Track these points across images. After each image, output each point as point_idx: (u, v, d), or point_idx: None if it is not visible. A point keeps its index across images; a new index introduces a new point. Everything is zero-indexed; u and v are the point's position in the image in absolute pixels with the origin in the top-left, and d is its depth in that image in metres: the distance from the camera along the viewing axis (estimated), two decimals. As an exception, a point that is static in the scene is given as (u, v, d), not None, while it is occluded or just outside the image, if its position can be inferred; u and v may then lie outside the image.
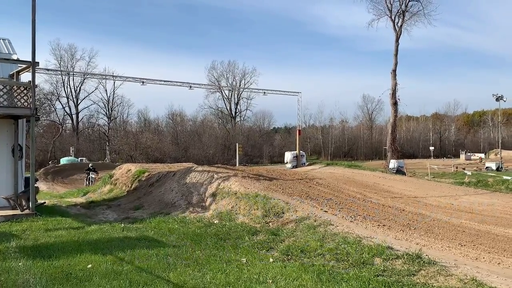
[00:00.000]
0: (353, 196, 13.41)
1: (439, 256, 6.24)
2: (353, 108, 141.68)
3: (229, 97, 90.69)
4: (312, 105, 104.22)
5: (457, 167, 50.11)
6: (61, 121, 75.88)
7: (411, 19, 37.49)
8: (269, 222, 9.57)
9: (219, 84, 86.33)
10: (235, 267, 6.12)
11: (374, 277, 5.38)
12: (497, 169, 49.90)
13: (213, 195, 12.51)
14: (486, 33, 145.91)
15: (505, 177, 30.21)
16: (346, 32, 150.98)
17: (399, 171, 32.16)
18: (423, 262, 5.77)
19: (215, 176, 13.88)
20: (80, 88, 77.40)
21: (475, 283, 4.93)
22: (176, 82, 38.47)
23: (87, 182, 29.15)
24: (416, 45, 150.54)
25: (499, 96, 57.54)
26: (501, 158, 60.23)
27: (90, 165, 31.78)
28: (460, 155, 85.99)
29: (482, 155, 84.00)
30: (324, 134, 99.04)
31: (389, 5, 37.68)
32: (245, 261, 6.43)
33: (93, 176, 29.33)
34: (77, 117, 78.81)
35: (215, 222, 10.31)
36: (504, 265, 6.50)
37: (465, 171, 35.40)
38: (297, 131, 36.11)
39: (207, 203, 12.31)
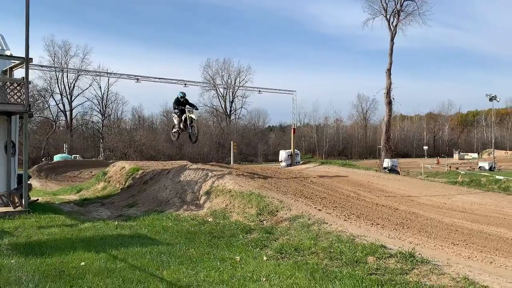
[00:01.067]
0: (347, 195, 13.44)
1: (432, 255, 6.27)
2: (347, 107, 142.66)
3: (224, 95, 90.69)
4: (307, 103, 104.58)
5: (450, 167, 50.45)
6: (54, 118, 75.62)
7: (406, 19, 37.70)
8: (263, 220, 9.57)
9: (214, 82, 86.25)
10: (229, 265, 6.12)
11: (367, 275, 5.40)
12: (490, 169, 50.33)
13: (207, 193, 12.50)
14: (481, 33, 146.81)
15: (497, 177, 30.44)
16: (342, 31, 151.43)
17: (393, 170, 32.33)
18: (416, 261, 5.80)
19: (210, 174, 13.86)
20: (74, 85, 77.21)
21: (468, 282, 4.96)
22: (171, 79, 38.54)
23: (179, 127, 15.66)
24: (411, 44, 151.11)
25: (493, 96, 58.00)
26: (494, 158, 60.68)
27: (179, 95, 15.83)
28: (454, 155, 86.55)
29: (475, 155, 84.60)
30: (319, 133, 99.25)
31: (384, 5, 37.86)
32: (239, 259, 6.43)
33: (193, 115, 15.29)
34: (71, 114, 78.57)
35: (209, 220, 10.30)
36: (496, 264, 6.54)
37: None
38: (292, 129, 36.12)
39: (201, 201, 12.29)
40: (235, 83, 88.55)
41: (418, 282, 5.08)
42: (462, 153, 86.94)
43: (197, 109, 16.04)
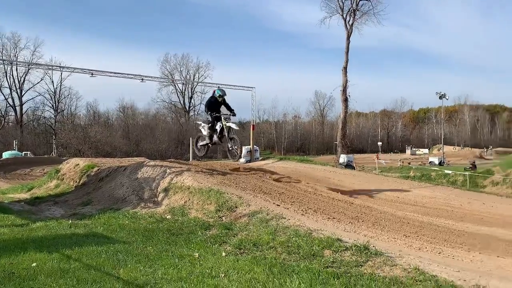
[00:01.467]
0: (305, 190, 13.64)
1: (385, 247, 6.48)
2: (305, 104, 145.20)
3: (183, 91, 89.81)
4: (266, 100, 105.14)
5: (403, 162, 52.36)
6: (3, 113, 72.14)
7: (362, 18, 38.71)
8: (222, 216, 9.56)
9: (172, 77, 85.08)
10: (187, 262, 6.07)
11: (323, 268, 5.51)
12: (440, 164, 52.72)
13: (166, 190, 12.33)
14: (431, 33, 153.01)
15: (446, 171, 31.97)
16: (300, 29, 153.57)
17: (348, 165, 33.18)
18: (370, 253, 5.97)
19: (168, 170, 13.67)
20: (24, 78, 74.15)
21: (418, 272, 5.18)
22: (127, 74, 37.52)
23: (210, 140, 13.39)
24: (367, 43, 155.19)
25: (442, 94, 60.69)
26: (444, 153, 63.55)
27: (216, 94, 13.05)
28: (406, 150, 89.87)
29: (426, 150, 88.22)
30: (278, 129, 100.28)
31: (340, 4, 38.76)
32: (197, 256, 6.40)
33: (232, 124, 13.14)
34: (21, 109, 75.28)
35: (167, 217, 10.17)
36: (445, 254, 6.87)
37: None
38: (251, 126, 36.19)
39: (159, 198, 12.11)
40: (194, 79, 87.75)
41: (372, 274, 5.24)
42: (414, 149, 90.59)
43: (234, 114, 12.79)
